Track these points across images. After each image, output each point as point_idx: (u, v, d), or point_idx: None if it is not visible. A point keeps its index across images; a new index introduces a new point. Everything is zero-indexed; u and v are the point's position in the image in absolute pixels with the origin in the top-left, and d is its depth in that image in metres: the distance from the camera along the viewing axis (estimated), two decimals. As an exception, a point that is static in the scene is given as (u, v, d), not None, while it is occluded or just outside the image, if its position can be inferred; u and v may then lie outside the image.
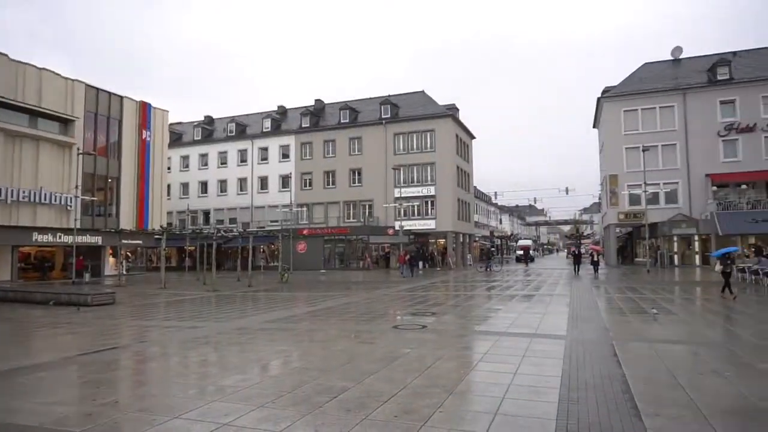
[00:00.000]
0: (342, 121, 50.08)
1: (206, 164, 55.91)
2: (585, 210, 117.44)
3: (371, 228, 45.74)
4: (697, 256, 38.80)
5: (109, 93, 37.77)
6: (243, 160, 53.96)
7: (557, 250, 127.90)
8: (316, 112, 53.55)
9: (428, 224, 46.03)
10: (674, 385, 6.59)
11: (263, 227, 47.95)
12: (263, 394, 6.47)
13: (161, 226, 32.87)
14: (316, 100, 55.24)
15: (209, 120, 60.43)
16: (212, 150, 55.74)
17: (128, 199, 38.76)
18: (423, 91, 50.59)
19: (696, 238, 38.57)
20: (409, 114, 47.79)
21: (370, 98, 52.45)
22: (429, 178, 46.09)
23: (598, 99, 45.48)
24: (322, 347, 9.99)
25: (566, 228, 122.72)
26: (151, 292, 24.21)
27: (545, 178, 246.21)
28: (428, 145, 46.32)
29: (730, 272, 17.47)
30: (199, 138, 56.89)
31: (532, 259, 56.84)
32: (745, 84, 39.12)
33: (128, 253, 45.33)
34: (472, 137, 55.46)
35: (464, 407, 5.85)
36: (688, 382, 6.70)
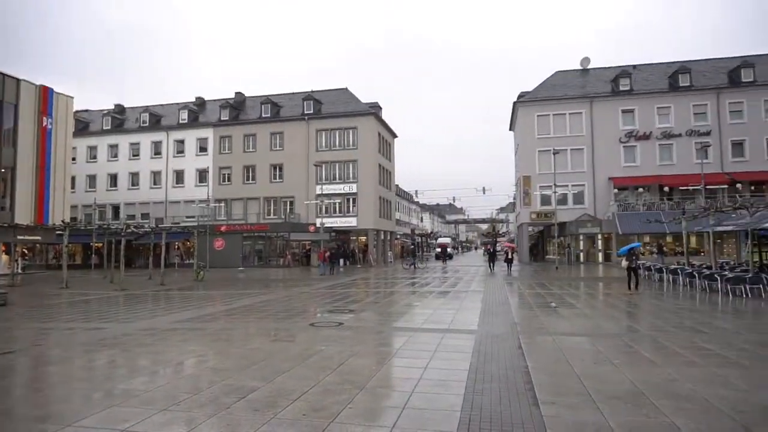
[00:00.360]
0: (263, 116, 49.01)
1: (116, 156, 52.71)
2: (502, 209, 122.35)
3: (292, 225, 45.16)
4: (600, 254, 41.58)
5: (3, 74, 34.64)
6: (157, 152, 51.39)
7: (476, 248, 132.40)
8: (237, 105, 52.05)
9: (350, 222, 46.12)
10: (571, 374, 7.04)
11: (178, 223, 45.96)
12: (168, 396, 6.22)
13: (63, 221, 30.57)
14: (237, 93, 53.68)
15: (120, 109, 57.04)
16: (123, 141, 52.64)
17: (25, 192, 35.77)
18: (346, 89, 50.58)
19: (599, 236, 41.34)
20: (332, 111, 47.61)
21: (293, 93, 51.70)
22: (351, 175, 46.17)
23: (514, 103, 47.54)
24: (235, 346, 9.75)
25: (484, 226, 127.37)
26: (50, 292, 22.51)
27: (465, 177, 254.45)
28: (351, 143, 46.37)
29: (636, 267, 18.64)
30: (109, 128, 53.53)
31: (450, 257, 58.45)
32: (642, 95, 42.44)
33: (24, 249, 41.85)
34: (395, 136, 56.16)
35: (374, 403, 5.93)
36: (583, 371, 7.17)
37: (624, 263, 18.74)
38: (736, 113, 41.14)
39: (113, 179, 52.59)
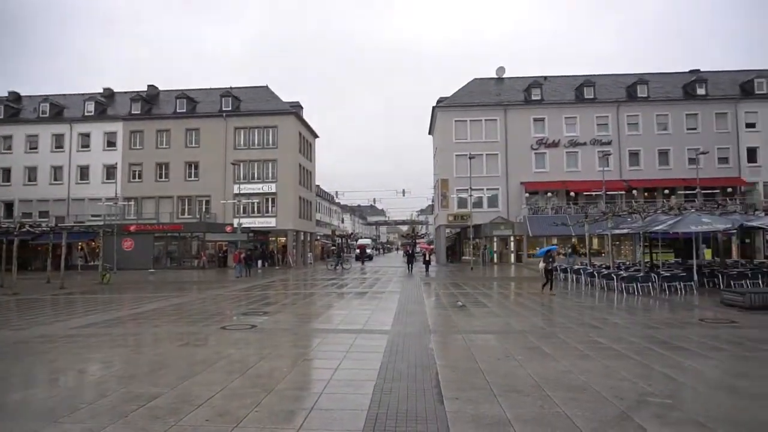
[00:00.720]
0: (178, 111, 46.96)
1: (10, 148, 48.37)
2: (421, 211, 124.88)
3: (208, 225, 43.61)
4: (512, 255, 43.54)
5: None
6: (59, 145, 47.76)
7: (397, 249, 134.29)
8: (149, 99, 49.51)
9: (269, 222, 45.25)
10: (475, 370, 7.35)
11: (82, 222, 43.04)
12: (60, 407, 5.83)
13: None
14: (150, 86, 51.06)
15: (15, 97, 52.45)
16: (18, 132, 48.43)
17: None
18: (267, 86, 49.63)
19: (512, 238, 43.27)
20: (252, 108, 46.52)
21: (211, 89, 49.97)
22: (270, 175, 45.32)
23: (434, 108, 48.71)
24: (140, 352, 9.32)
25: (405, 228, 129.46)
26: (-72, 297, 20.33)
27: (387, 179, 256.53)
28: (270, 142, 45.52)
29: (552, 269, 19.39)
30: (2, 117, 49.09)
31: (370, 258, 58.90)
32: (552, 105, 44.96)
33: None
34: (316, 136, 55.80)
35: (281, 405, 5.88)
36: (487, 367, 7.51)
37: (541, 265, 19.30)
38: (633, 125, 44.58)
39: (6, 174, 48.27)
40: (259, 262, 41.48)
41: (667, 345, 9.14)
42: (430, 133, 56.47)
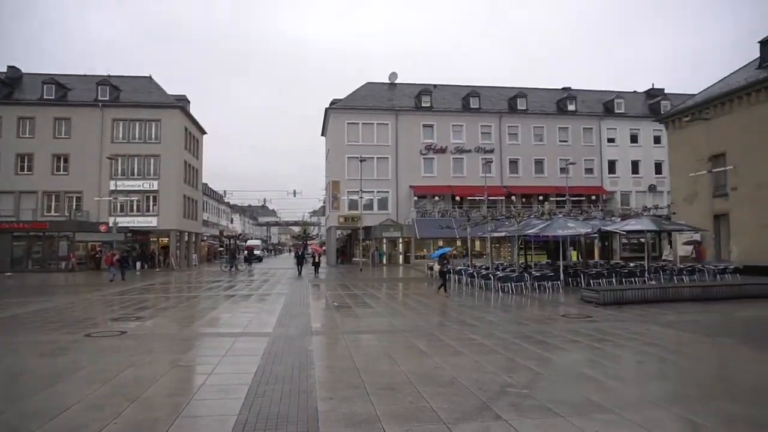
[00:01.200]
0: (46, 97, 42.53)
1: None
2: (314, 212, 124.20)
3: (78, 224, 40.01)
4: (401, 256, 44.73)
5: None
6: None
7: (289, 250, 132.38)
8: (10, 82, 44.35)
9: (150, 221, 42.51)
10: (352, 370, 7.47)
11: None
12: None
13: None
14: (10, 67, 45.71)
15: None
16: None
17: None
18: (150, 77, 46.62)
19: (401, 240, 44.46)
20: (133, 100, 43.42)
21: (85, 75, 45.91)
22: (152, 171, 42.60)
23: (326, 109, 48.72)
24: (-16, 365, 8.33)
25: (297, 229, 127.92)
26: None
27: (279, 179, 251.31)
28: (153, 136, 42.80)
29: (447, 271, 19.80)
30: None
31: (259, 259, 57.48)
32: (440, 113, 46.90)
33: None
34: (204, 132, 53.44)
35: (144, 415, 5.57)
36: (364, 367, 7.66)
37: (436, 267, 19.81)
38: (513, 135, 47.80)
39: None
40: (138, 264, 38.85)
41: (532, 339, 9.90)
42: (323, 135, 56.39)
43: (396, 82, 51.83)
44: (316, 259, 33.20)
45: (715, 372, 7.75)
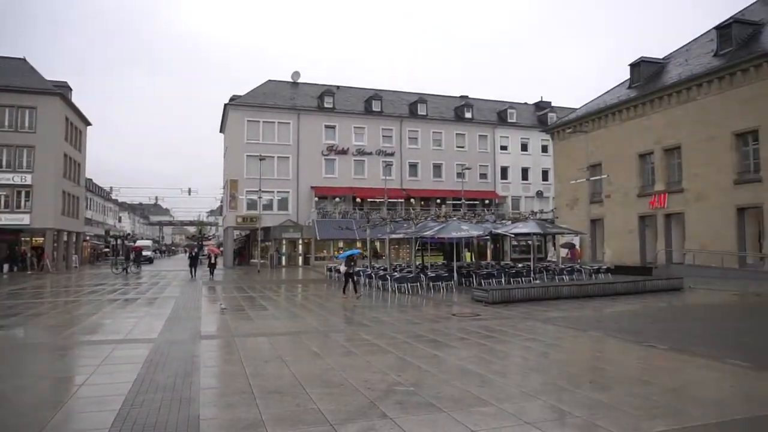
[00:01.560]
0: None
1: None
2: (211, 212, 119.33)
3: (-67, 221, 35.35)
4: (300, 258, 44.23)
5: None
6: None
7: (184, 251, 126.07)
8: None
9: (21, 219, 38.44)
10: (240, 375, 7.24)
11: None
12: None
13: None
14: None
15: None
16: None
17: None
18: (24, 59, 42.27)
19: (300, 241, 43.96)
20: (2, 83, 39.15)
21: (-56, 54, 40.73)
22: (25, 163, 38.60)
23: (226, 105, 47.06)
24: None
25: (192, 229, 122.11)
26: None
27: (173, 177, 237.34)
28: (27, 125, 38.78)
29: (353, 273, 19.32)
30: None
31: (150, 261, 54.18)
32: (343, 114, 47.04)
33: None
34: (88, 123, 49.39)
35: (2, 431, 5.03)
36: (253, 371, 7.46)
37: (342, 268, 19.49)
38: (413, 139, 49.08)
39: None
40: (5, 267, 35.13)
41: (423, 338, 10.19)
42: (221, 131, 54.42)
43: (299, 81, 51.29)
44: (212, 261, 31.90)
45: (584, 363, 8.44)
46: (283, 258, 43.73)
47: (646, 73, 32.79)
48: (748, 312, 14.90)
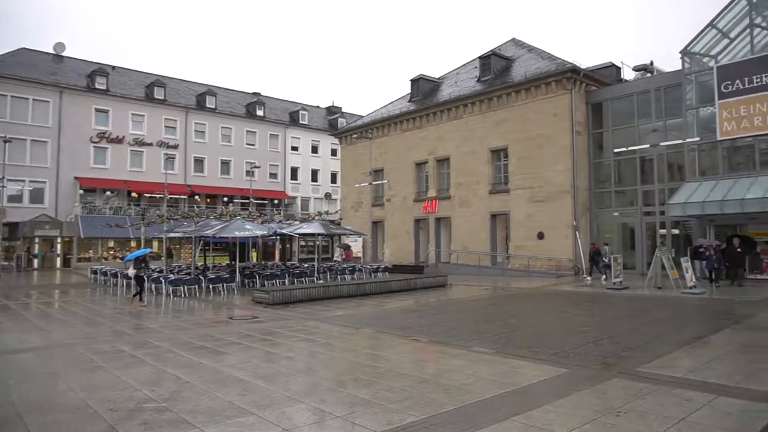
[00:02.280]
0: None
1: None
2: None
3: None
4: (59, 259, 38.23)
5: None
6: None
7: None
8: None
9: None
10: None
11: None
12: None
13: None
14: None
15: None
16: None
17: None
18: None
19: (59, 240, 38.00)
20: None
21: None
22: None
23: (-40, 73, 38.32)
24: None
25: None
26: None
27: None
28: None
29: (144, 276, 16.37)
30: None
31: None
32: (119, 98, 42.03)
33: None
34: None
35: None
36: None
37: (131, 271, 16.50)
38: (200, 133, 46.21)
39: None
40: None
41: (190, 345, 9.40)
42: (-47, 104, 44.21)
43: (63, 54, 44.46)
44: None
45: (353, 361, 8.63)
46: (36, 260, 37.32)
47: (425, 89, 36.03)
48: (494, 304, 17.17)
